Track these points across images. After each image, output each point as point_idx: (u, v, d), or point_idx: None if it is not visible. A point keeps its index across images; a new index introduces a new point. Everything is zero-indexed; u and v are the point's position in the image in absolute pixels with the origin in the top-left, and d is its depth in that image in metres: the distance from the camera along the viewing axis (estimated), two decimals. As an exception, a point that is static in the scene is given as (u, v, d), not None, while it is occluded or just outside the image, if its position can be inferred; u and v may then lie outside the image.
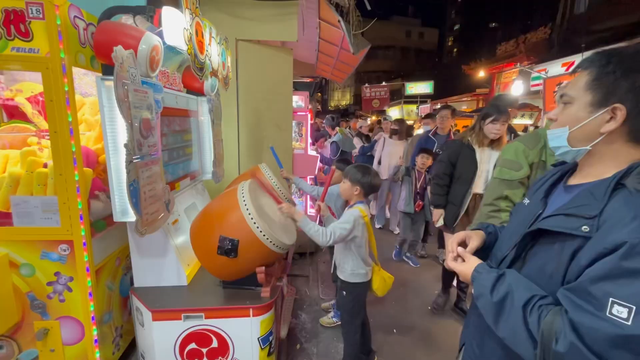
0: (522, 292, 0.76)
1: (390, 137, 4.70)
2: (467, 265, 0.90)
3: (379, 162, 4.76)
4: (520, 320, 0.73)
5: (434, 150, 3.62)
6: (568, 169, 0.90)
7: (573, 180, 0.85)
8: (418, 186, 3.55)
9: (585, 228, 0.70)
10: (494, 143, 2.44)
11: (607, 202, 0.70)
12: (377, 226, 5.00)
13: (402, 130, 4.66)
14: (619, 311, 0.61)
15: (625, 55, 0.73)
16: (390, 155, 4.61)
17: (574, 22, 11.98)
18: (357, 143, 5.63)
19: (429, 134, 3.84)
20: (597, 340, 0.62)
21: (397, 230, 4.58)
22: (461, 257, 0.94)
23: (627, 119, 0.72)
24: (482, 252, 0.98)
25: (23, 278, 1.61)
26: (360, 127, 6.37)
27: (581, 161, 0.83)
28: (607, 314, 0.62)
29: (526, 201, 0.95)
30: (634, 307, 0.60)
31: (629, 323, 0.59)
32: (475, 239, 0.99)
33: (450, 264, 0.95)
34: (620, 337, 0.60)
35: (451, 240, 0.99)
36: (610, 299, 0.62)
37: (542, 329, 0.69)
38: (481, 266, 0.87)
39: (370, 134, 6.37)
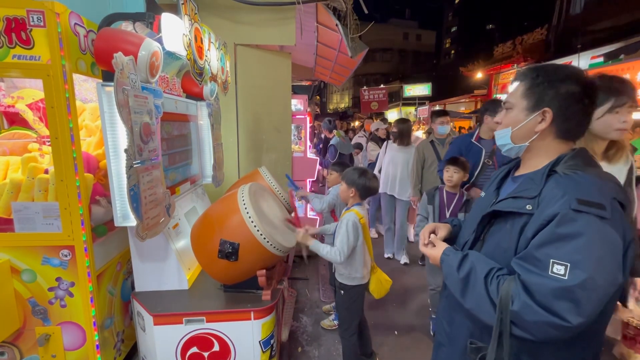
0: (482, 266, 0.90)
1: (394, 141, 3.91)
2: (437, 250, 1.05)
3: (380, 171, 3.97)
4: (483, 290, 0.87)
5: (482, 161, 2.56)
6: (514, 164, 1.07)
7: (518, 172, 1.03)
8: (448, 212, 2.39)
9: (528, 206, 0.86)
10: (611, 152, 1.51)
11: (544, 185, 0.86)
12: (387, 256, 3.99)
13: (403, 132, 3.80)
14: (558, 269, 0.76)
15: (550, 70, 0.91)
16: (391, 163, 3.80)
17: (569, 23, 12.05)
18: (374, 148, 4.86)
19: (472, 139, 2.66)
20: (544, 294, 0.77)
21: (403, 259, 3.84)
22: (432, 243, 1.09)
23: (554, 119, 0.90)
24: (449, 242, 1.13)
25: (24, 284, 1.61)
26: (377, 130, 5.12)
27: (522, 156, 1.01)
28: (550, 272, 0.77)
29: (483, 194, 1.12)
30: (569, 264, 0.75)
31: (566, 277, 0.75)
32: (443, 229, 1.16)
33: (422, 248, 1.11)
34: (560, 289, 0.75)
35: (423, 230, 1.15)
36: (551, 260, 0.77)
37: (500, 295, 0.83)
38: (448, 249, 1.03)
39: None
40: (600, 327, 0.88)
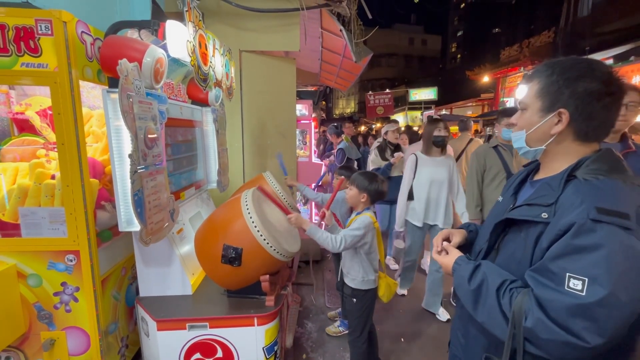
0: (495, 278, 0.85)
1: (427, 152, 2.78)
2: (449, 258, 0.99)
3: (412, 197, 2.80)
4: (495, 304, 0.82)
5: None
6: (533, 167, 1.00)
7: (537, 176, 0.96)
8: None
9: (544, 215, 0.80)
10: None
11: (562, 192, 0.80)
12: (400, 292, 3.13)
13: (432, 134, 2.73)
14: (575, 284, 0.70)
15: (565, 66, 0.83)
16: (434, 184, 2.71)
17: (577, 25, 11.94)
18: (374, 160, 3.93)
19: None
20: (559, 311, 0.71)
21: (444, 315, 2.97)
22: (445, 250, 1.03)
23: (571, 121, 0.82)
24: (465, 248, 1.08)
25: (30, 288, 1.62)
26: (386, 133, 3.92)
27: (541, 159, 0.94)
28: (566, 287, 0.71)
29: (500, 199, 1.05)
30: (587, 279, 0.69)
31: (584, 293, 0.69)
32: (458, 235, 1.10)
33: (435, 256, 1.05)
34: (577, 306, 0.69)
35: (437, 237, 1.09)
36: (567, 273, 0.71)
37: (513, 310, 0.77)
38: (461, 258, 0.97)
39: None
40: (629, 350, 0.80)
